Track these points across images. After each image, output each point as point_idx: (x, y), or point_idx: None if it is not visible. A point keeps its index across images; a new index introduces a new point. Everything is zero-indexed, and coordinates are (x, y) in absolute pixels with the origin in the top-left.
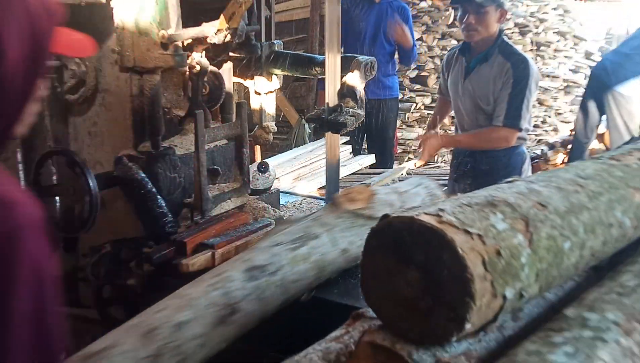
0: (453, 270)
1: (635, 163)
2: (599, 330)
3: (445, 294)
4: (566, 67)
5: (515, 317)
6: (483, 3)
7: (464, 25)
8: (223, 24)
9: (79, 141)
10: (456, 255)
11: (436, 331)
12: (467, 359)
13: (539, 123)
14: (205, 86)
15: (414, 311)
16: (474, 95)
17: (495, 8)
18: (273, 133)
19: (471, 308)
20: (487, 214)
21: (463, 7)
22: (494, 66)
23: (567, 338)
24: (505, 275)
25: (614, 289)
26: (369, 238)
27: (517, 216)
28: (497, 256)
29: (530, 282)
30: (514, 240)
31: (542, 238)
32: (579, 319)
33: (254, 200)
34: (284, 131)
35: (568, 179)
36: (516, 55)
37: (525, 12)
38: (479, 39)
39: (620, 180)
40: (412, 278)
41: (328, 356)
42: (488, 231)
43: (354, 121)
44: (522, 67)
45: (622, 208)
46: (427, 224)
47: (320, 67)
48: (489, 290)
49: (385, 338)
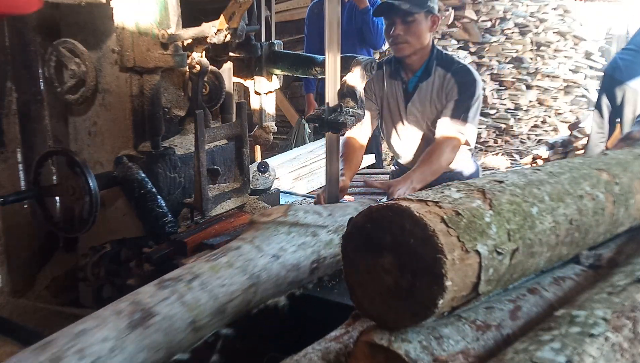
0: (417, 234)
1: (596, 156)
2: (587, 325)
3: (419, 261)
4: (566, 67)
5: (513, 316)
6: (410, 10)
7: (392, 38)
8: (223, 24)
9: (79, 141)
10: (414, 218)
11: (423, 301)
12: (465, 357)
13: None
14: (205, 86)
15: (400, 295)
16: (421, 120)
17: (425, 16)
18: (273, 133)
19: (444, 263)
20: (441, 190)
21: (389, 18)
22: (435, 81)
23: (554, 335)
24: (470, 231)
25: (605, 289)
26: (344, 246)
27: (472, 188)
28: (456, 216)
29: (503, 240)
30: (472, 204)
31: (503, 203)
32: (567, 317)
33: (254, 200)
34: (284, 131)
35: (525, 168)
36: (456, 63)
37: (525, 12)
38: (410, 52)
39: (580, 164)
40: (389, 263)
41: (327, 356)
42: (444, 199)
43: (354, 121)
44: (464, 76)
45: (589, 183)
46: (383, 204)
47: (320, 67)
48: (457, 244)
49: (383, 338)
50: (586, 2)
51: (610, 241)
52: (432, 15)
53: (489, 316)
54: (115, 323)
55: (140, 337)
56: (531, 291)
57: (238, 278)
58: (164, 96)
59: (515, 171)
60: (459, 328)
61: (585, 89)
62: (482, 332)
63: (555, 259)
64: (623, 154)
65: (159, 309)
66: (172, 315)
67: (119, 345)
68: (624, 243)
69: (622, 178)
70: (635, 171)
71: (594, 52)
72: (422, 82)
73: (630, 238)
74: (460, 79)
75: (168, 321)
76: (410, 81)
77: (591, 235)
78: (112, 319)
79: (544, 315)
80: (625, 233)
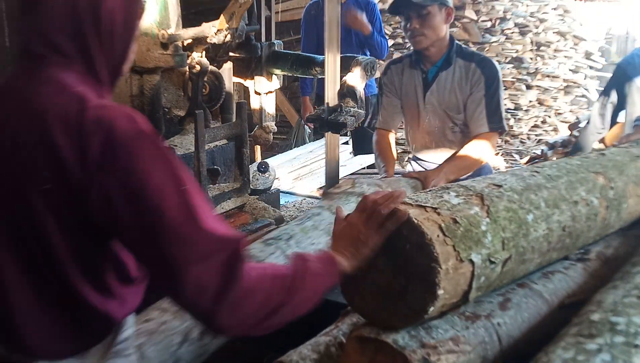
0: (413, 240)
1: (594, 156)
2: (630, 335)
3: (414, 267)
4: (566, 67)
5: (503, 306)
6: (423, 3)
7: (409, 32)
8: (223, 24)
9: None
10: (412, 225)
11: (414, 306)
12: (455, 343)
13: (539, 123)
14: (205, 86)
15: (392, 297)
16: (440, 107)
17: (438, 8)
18: (273, 133)
19: (438, 272)
20: (440, 194)
21: (404, 14)
22: (455, 71)
23: (600, 344)
24: (466, 240)
25: (632, 292)
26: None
27: (470, 193)
28: (454, 224)
29: (497, 249)
30: (470, 211)
31: (500, 210)
32: (606, 324)
33: (254, 200)
34: (284, 131)
35: (523, 169)
36: (477, 55)
37: (525, 12)
38: (428, 44)
39: (578, 167)
40: (383, 264)
41: (318, 347)
42: (442, 205)
43: (354, 121)
44: (489, 66)
45: (585, 188)
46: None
47: (320, 67)
48: (453, 253)
49: (372, 332)
50: (586, 2)
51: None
52: (446, 8)
53: (478, 308)
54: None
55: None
56: (520, 286)
57: (323, 238)
58: (164, 96)
59: (514, 173)
60: (448, 320)
61: (585, 89)
62: (472, 322)
63: (545, 264)
64: (620, 155)
65: (270, 261)
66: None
67: None
68: (611, 237)
69: (618, 182)
70: (630, 174)
71: (594, 52)
72: (442, 71)
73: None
74: (488, 71)
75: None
76: (429, 70)
77: (582, 239)
78: None
79: (535, 305)
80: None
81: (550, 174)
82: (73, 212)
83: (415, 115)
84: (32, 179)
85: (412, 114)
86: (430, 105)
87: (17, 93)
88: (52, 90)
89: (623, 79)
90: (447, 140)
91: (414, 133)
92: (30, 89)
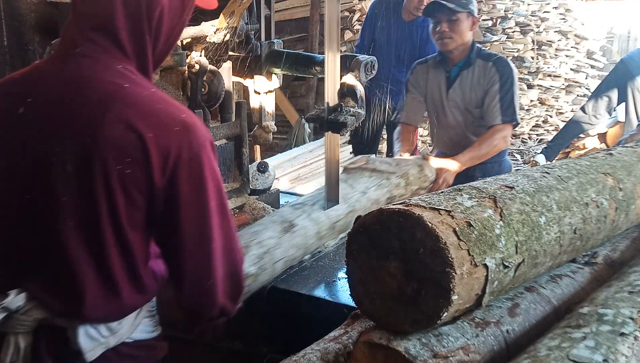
0: (427, 244)
1: (602, 156)
2: (616, 324)
3: (427, 271)
4: (567, 66)
5: (512, 312)
6: (454, 8)
7: (438, 34)
8: (222, 23)
9: None
10: (427, 228)
11: (427, 312)
12: (465, 352)
13: (540, 123)
14: (204, 86)
15: (403, 301)
16: (462, 102)
17: (466, 15)
18: (273, 133)
19: (453, 277)
20: (453, 196)
21: (435, 17)
22: (475, 70)
23: (585, 332)
24: (480, 244)
25: (624, 288)
26: (349, 243)
27: (484, 195)
28: (468, 227)
29: (510, 253)
30: (483, 214)
31: (514, 213)
32: (594, 315)
33: (254, 200)
34: (284, 131)
35: (534, 170)
36: (494, 55)
37: (526, 11)
38: (453, 47)
39: (588, 168)
40: (394, 268)
41: (326, 356)
42: (456, 208)
43: (354, 121)
44: (504, 65)
45: (595, 190)
46: (395, 209)
47: (320, 67)
48: (467, 258)
49: (382, 337)
50: (587, 1)
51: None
52: (472, 17)
53: (488, 314)
54: (274, 228)
55: (290, 238)
56: (528, 290)
57: (341, 206)
58: None
59: (525, 174)
60: (458, 326)
61: (586, 88)
62: (482, 329)
63: (555, 267)
64: (628, 155)
65: (298, 221)
66: (306, 226)
67: (279, 242)
68: (617, 241)
69: (626, 183)
70: (638, 175)
71: (596, 51)
72: (463, 70)
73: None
74: (503, 68)
75: (304, 230)
76: (452, 70)
77: (591, 242)
78: (271, 226)
79: (543, 311)
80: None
81: (561, 176)
82: (141, 194)
83: (439, 111)
84: (116, 159)
85: (436, 109)
86: (453, 101)
87: (96, 80)
88: (134, 86)
89: (625, 76)
90: (466, 134)
91: (437, 128)
92: (110, 78)
